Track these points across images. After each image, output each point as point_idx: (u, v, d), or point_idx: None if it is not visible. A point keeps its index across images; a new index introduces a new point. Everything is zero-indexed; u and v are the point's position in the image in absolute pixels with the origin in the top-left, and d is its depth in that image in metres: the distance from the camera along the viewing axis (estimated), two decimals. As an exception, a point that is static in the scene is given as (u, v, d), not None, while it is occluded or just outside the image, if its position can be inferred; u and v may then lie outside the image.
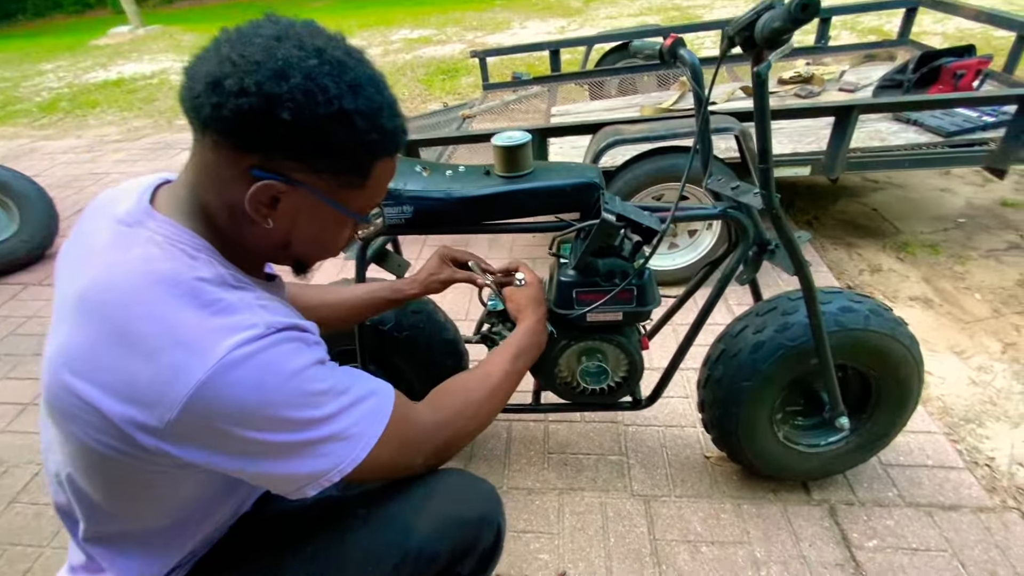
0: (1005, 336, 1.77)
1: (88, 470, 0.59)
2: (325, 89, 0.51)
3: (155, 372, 0.51)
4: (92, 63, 7.83)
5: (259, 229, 0.58)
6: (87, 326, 0.53)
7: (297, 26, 0.54)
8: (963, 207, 2.49)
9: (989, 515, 1.25)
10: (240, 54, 0.51)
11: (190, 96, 0.53)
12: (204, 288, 0.54)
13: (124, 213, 0.58)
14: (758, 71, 0.80)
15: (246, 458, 0.56)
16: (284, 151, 0.54)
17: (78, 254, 0.60)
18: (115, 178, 3.68)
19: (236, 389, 0.52)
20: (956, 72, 2.29)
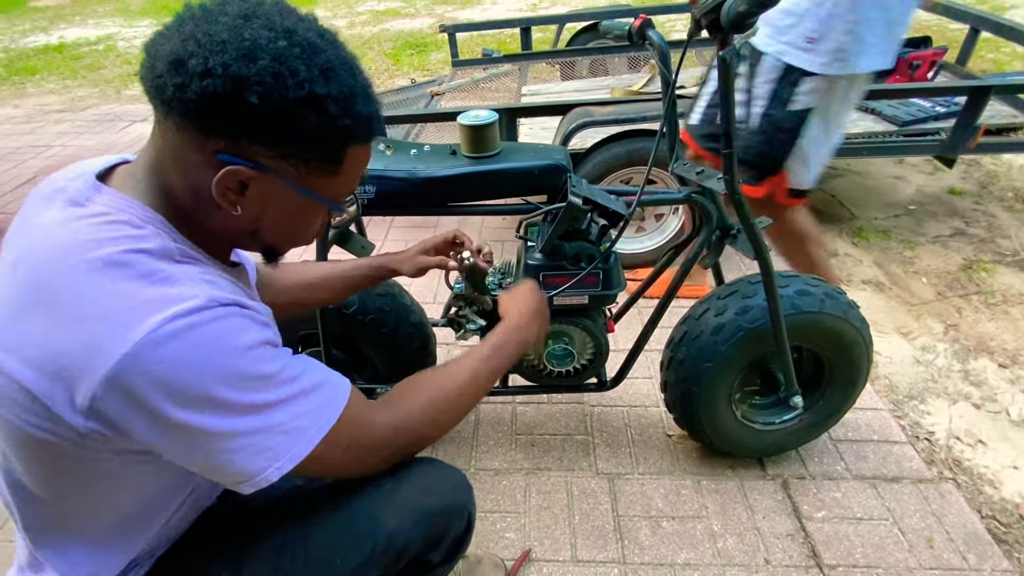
0: (948, 318, 1.88)
1: (26, 460, 0.55)
2: (295, 72, 0.49)
3: (81, 344, 0.48)
4: (31, 26, 7.26)
5: (226, 215, 0.55)
6: (15, 298, 0.51)
7: (266, 5, 0.52)
8: (914, 194, 2.60)
9: (927, 486, 1.33)
10: (205, 32, 0.48)
11: (151, 75, 0.50)
12: (142, 259, 0.51)
13: (73, 192, 0.55)
14: (723, 55, 0.81)
15: (176, 443, 0.52)
16: (252, 136, 0.51)
17: (16, 237, 0.56)
18: (57, 151, 3.45)
19: (166, 365, 0.48)
20: (912, 62, 2.36)
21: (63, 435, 0.51)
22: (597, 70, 3.15)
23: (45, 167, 3.24)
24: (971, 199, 2.54)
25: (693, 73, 2.80)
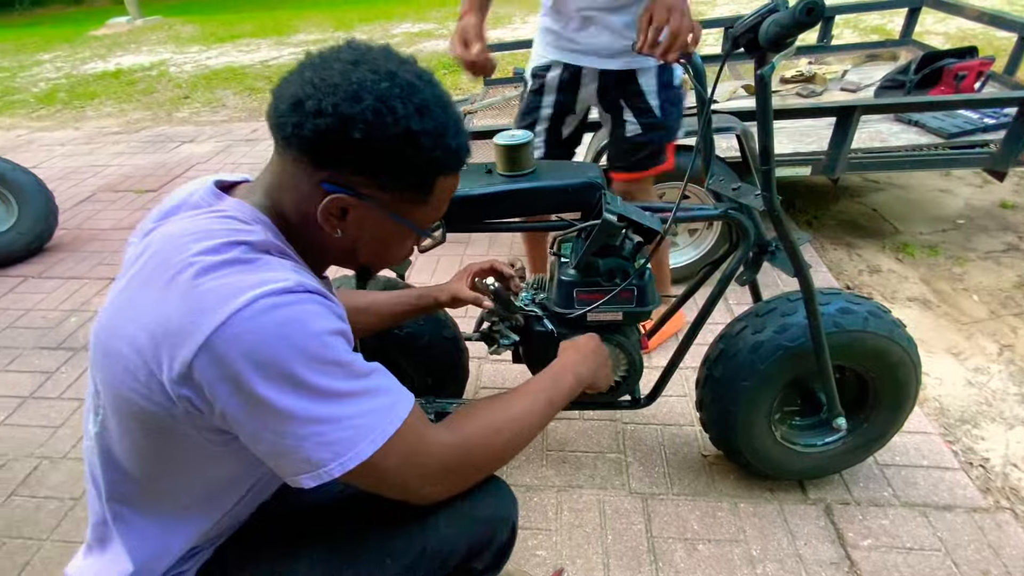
0: (1002, 338, 1.78)
1: (126, 431, 0.60)
2: (394, 110, 0.55)
3: (185, 312, 0.53)
4: (90, 54, 7.78)
5: (328, 236, 0.62)
6: (139, 275, 0.58)
7: (374, 51, 0.59)
8: (962, 208, 2.50)
9: (983, 515, 1.26)
10: (320, 77, 0.55)
11: (275, 115, 0.58)
12: (247, 249, 0.57)
13: (196, 199, 0.63)
14: (761, 73, 0.81)
15: (252, 419, 0.54)
16: (355, 167, 0.58)
17: (153, 230, 0.64)
18: (114, 170, 3.66)
19: (255, 336, 0.52)
20: (958, 73, 2.29)
21: (161, 404, 0.56)
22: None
23: (103, 185, 3.44)
24: (1025, 213, 2.43)
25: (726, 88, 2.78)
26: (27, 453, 1.61)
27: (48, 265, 2.58)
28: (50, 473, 1.54)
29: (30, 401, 1.79)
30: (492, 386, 1.73)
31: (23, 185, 2.56)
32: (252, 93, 5.32)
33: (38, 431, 1.68)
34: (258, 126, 4.35)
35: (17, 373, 1.92)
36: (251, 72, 6.06)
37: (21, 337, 2.10)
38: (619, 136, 1.41)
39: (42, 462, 1.57)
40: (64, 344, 2.04)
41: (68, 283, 2.43)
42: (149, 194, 3.27)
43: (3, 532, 1.38)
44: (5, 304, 2.31)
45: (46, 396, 1.81)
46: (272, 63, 6.38)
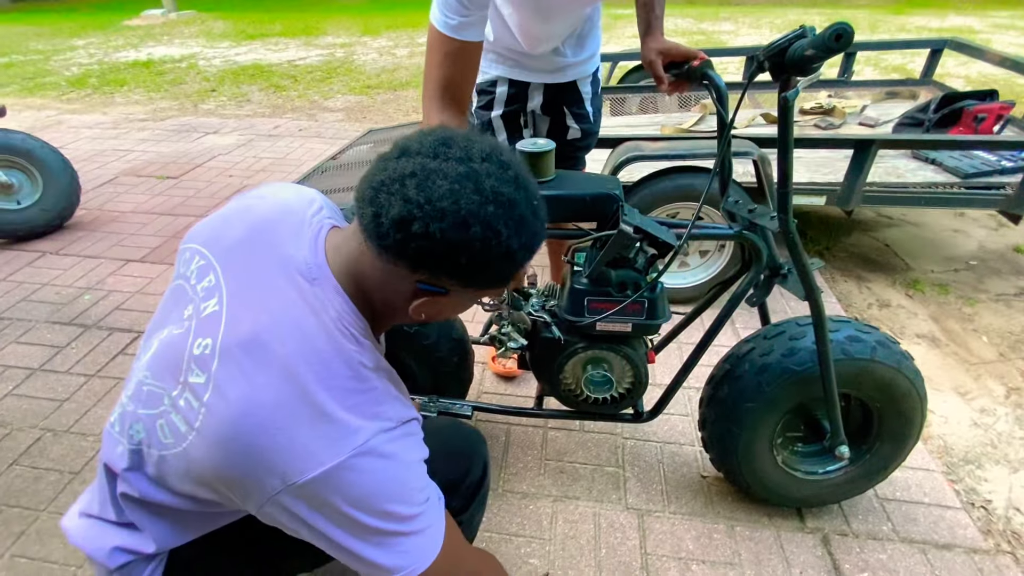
0: (1010, 381, 1.77)
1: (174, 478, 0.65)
2: (499, 235, 0.57)
3: (309, 438, 0.58)
4: (123, 43, 7.97)
5: (406, 315, 0.66)
6: (273, 383, 0.59)
7: (475, 160, 0.58)
8: (975, 250, 2.50)
9: (983, 557, 1.24)
10: (427, 198, 0.55)
11: (375, 226, 0.58)
12: (364, 373, 0.63)
13: (302, 262, 0.64)
14: (786, 96, 0.82)
15: (341, 531, 0.60)
16: (451, 274, 0.60)
17: (246, 267, 0.66)
18: (138, 155, 3.74)
19: (361, 475, 0.59)
20: (977, 115, 2.30)
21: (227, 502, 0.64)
22: (647, 107, 3.20)
23: (126, 169, 3.51)
24: (1039, 258, 2.42)
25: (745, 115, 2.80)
26: (31, 424, 1.62)
27: (67, 242, 2.63)
28: (52, 445, 1.55)
29: (39, 373, 1.82)
30: (495, 391, 1.74)
31: (50, 163, 2.62)
32: (277, 90, 5.42)
33: (44, 403, 1.70)
34: (280, 122, 4.42)
35: (28, 345, 1.94)
36: (278, 70, 6.18)
37: (35, 310, 2.13)
38: (559, 140, 1.45)
39: (45, 434, 1.59)
40: (76, 320, 2.07)
41: (84, 261, 2.47)
42: (170, 180, 3.33)
43: (1, 500, 1.39)
44: (22, 277, 2.35)
45: (55, 370, 1.83)
46: (299, 63, 6.50)
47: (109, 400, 1.71)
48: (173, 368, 0.63)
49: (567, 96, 1.39)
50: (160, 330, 0.69)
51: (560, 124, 1.43)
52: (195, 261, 0.69)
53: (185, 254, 0.72)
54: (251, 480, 0.59)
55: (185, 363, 0.62)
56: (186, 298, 0.68)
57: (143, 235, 2.70)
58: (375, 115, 4.66)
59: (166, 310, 0.71)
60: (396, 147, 0.61)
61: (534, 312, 1.17)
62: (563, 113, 1.41)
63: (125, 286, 2.29)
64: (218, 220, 0.72)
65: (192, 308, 0.66)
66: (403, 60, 6.46)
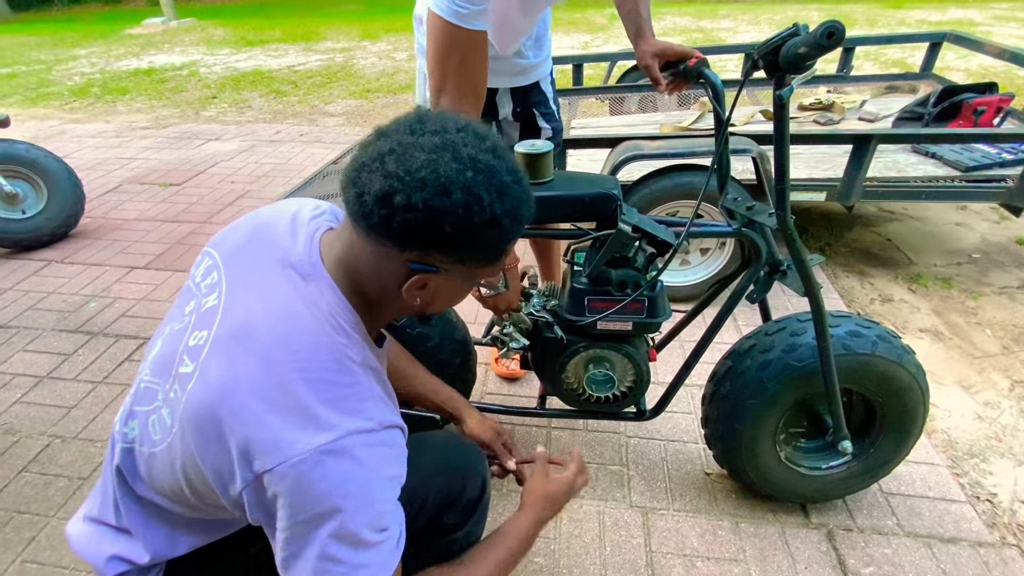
0: (1014, 373, 1.77)
1: (175, 476, 0.64)
2: (480, 200, 0.57)
3: (280, 427, 0.56)
4: (124, 51, 8.02)
5: (404, 303, 0.65)
6: (253, 366, 0.59)
7: (450, 131, 0.59)
8: (978, 243, 2.49)
9: (988, 550, 1.24)
10: (406, 170, 0.56)
11: (358, 204, 0.58)
12: (351, 367, 0.62)
13: (297, 259, 0.65)
14: (780, 94, 0.83)
15: (285, 535, 0.58)
16: (439, 249, 0.60)
17: (246, 265, 0.67)
18: (141, 163, 3.76)
19: (322, 477, 0.56)
20: (977, 108, 2.30)
21: (225, 502, 0.61)
22: (646, 106, 3.21)
23: (130, 177, 3.54)
24: (1042, 251, 2.41)
25: (743, 112, 2.81)
26: (40, 431, 1.64)
27: (72, 251, 2.65)
28: (61, 452, 1.57)
29: (46, 381, 1.83)
30: (498, 391, 1.75)
31: (54, 172, 2.64)
32: (278, 96, 5.45)
33: (52, 410, 1.71)
34: (281, 128, 4.45)
35: (35, 353, 1.96)
36: (278, 76, 6.21)
37: (42, 319, 2.15)
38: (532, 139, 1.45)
39: (54, 441, 1.61)
40: (82, 328, 2.09)
41: (90, 269, 2.49)
42: (173, 188, 3.36)
43: (12, 507, 1.41)
44: (28, 286, 2.37)
45: (62, 377, 1.85)
46: (299, 68, 6.53)
47: (116, 406, 1.72)
48: (168, 363, 0.64)
49: (533, 97, 1.42)
50: (163, 329, 0.71)
51: (532, 126, 1.46)
52: (204, 262, 0.72)
53: (198, 258, 0.75)
54: (225, 469, 0.58)
55: (177, 356, 0.63)
56: (190, 296, 0.70)
57: (147, 242, 2.72)
58: (376, 119, 4.68)
59: (172, 312, 0.73)
60: (374, 132, 0.61)
61: (535, 312, 1.18)
62: (533, 115, 1.43)
63: (130, 293, 2.31)
64: (231, 226, 0.75)
65: (194, 304, 0.68)
66: (403, 64, 6.48)
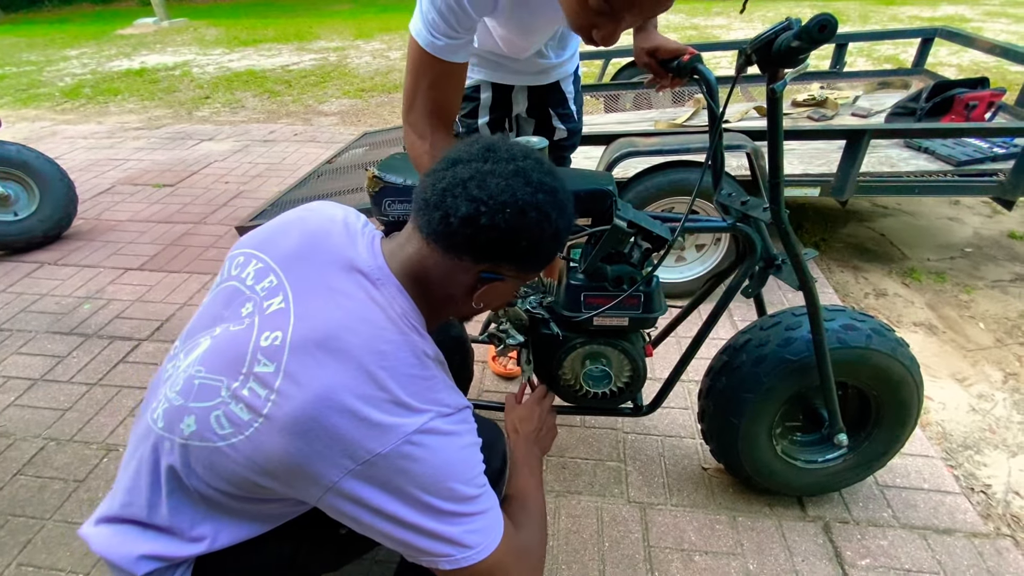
0: (1007, 366, 1.78)
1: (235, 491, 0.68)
2: (549, 217, 0.68)
3: (379, 419, 0.62)
4: (116, 52, 7.97)
5: (465, 306, 0.75)
6: (346, 369, 0.63)
7: (518, 160, 0.68)
8: (971, 237, 2.51)
9: (983, 541, 1.25)
10: (488, 195, 0.65)
11: (443, 226, 0.67)
12: (427, 362, 0.68)
13: (366, 266, 0.71)
14: (774, 88, 0.83)
15: (408, 509, 0.64)
16: (509, 260, 0.70)
17: (310, 271, 0.71)
18: (134, 164, 3.74)
19: (426, 452, 0.64)
20: (969, 103, 2.31)
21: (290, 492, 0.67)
22: (641, 104, 3.21)
23: (123, 178, 3.51)
24: (1034, 244, 2.43)
25: (738, 108, 2.82)
26: (34, 434, 1.63)
27: (65, 252, 2.63)
28: (56, 454, 1.56)
29: (40, 383, 1.82)
30: (496, 389, 1.75)
31: (46, 174, 2.62)
32: (271, 96, 5.42)
33: (46, 413, 1.70)
34: (275, 128, 4.43)
35: (29, 356, 1.95)
36: (271, 76, 6.18)
37: (35, 321, 2.14)
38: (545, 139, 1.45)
39: (48, 443, 1.60)
40: (76, 330, 2.08)
41: (83, 271, 2.48)
42: (166, 188, 3.34)
43: (7, 510, 1.40)
44: (21, 288, 2.36)
45: (56, 379, 1.84)
46: (292, 68, 6.51)
47: (112, 408, 1.71)
48: (235, 361, 0.66)
49: (551, 97, 1.39)
50: (211, 328, 0.73)
51: (546, 125, 1.44)
52: (252, 264, 0.74)
53: (238, 259, 0.77)
54: (321, 462, 0.62)
55: (250, 355, 0.65)
56: (242, 298, 0.72)
57: (141, 243, 2.71)
58: (370, 118, 4.67)
59: (214, 310, 0.74)
60: (446, 160, 0.69)
61: (531, 308, 1.18)
62: (548, 115, 1.42)
63: (124, 294, 2.30)
64: (272, 230, 0.79)
65: (252, 306, 0.70)
66: (397, 63, 6.46)
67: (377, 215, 1.16)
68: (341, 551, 0.86)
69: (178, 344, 0.77)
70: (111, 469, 1.51)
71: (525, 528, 0.78)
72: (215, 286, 0.78)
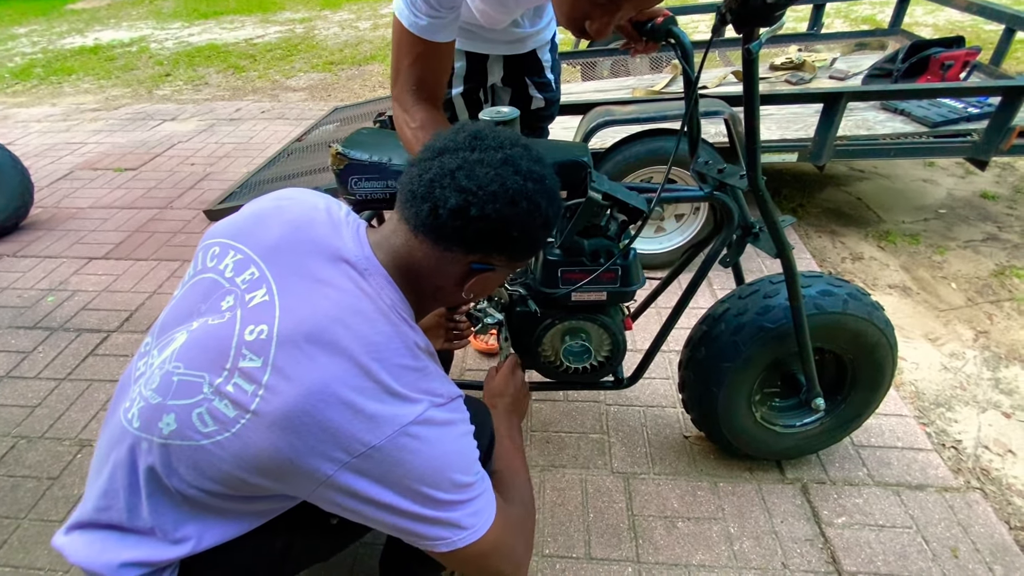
0: (978, 324, 1.82)
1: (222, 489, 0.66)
2: (539, 206, 0.67)
3: (373, 411, 0.61)
4: (68, 28, 7.52)
5: (454, 297, 0.74)
6: (338, 362, 0.62)
7: (507, 148, 0.67)
8: (944, 198, 2.54)
9: (954, 495, 1.30)
10: (477, 185, 0.64)
11: (432, 218, 0.65)
12: (419, 353, 0.67)
13: (352, 256, 0.68)
14: (750, 48, 0.80)
15: (403, 500, 0.64)
16: (500, 251, 0.69)
17: (293, 262, 0.68)
18: (92, 148, 3.57)
19: (422, 444, 0.63)
20: (944, 63, 2.31)
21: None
22: (618, 71, 3.14)
23: (81, 163, 3.36)
24: (1005, 203, 2.47)
25: (715, 74, 2.77)
26: (3, 432, 1.58)
27: (24, 243, 2.52)
28: (27, 452, 1.51)
29: (6, 380, 1.76)
30: (478, 368, 1.74)
31: (-3, 161, 2.48)
32: (236, 71, 5.19)
33: (15, 410, 1.65)
34: (241, 105, 4.25)
35: (-8, 352, 1.88)
36: (235, 50, 5.91)
37: (-4, 316, 2.06)
38: (523, 110, 1.41)
39: (19, 441, 1.55)
40: (41, 324, 2.00)
41: (45, 262, 2.38)
42: (129, 172, 3.20)
43: (-21, 511, 1.36)
44: (-21, 282, 2.26)
45: (23, 376, 1.77)
46: (257, 41, 6.22)
47: (83, 403, 1.66)
48: (217, 356, 0.63)
49: (527, 66, 1.34)
50: (186, 322, 0.69)
51: (523, 95, 1.39)
52: (229, 256, 0.71)
53: (213, 249, 0.73)
54: (314, 457, 0.60)
55: (234, 349, 0.63)
56: (222, 291, 0.68)
57: (104, 231, 2.60)
58: (340, 92, 4.51)
59: (189, 303, 0.71)
60: (431, 149, 0.68)
61: (509, 286, 1.16)
62: (525, 84, 1.37)
63: (90, 285, 2.21)
64: (247, 219, 0.75)
65: (233, 299, 0.67)
66: (366, 33, 6.22)
67: (344, 194, 1.11)
68: (333, 541, 0.86)
69: (149, 340, 0.73)
70: (85, 465, 1.47)
71: (514, 501, 0.79)
72: (188, 278, 0.74)
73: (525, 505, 0.81)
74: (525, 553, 0.77)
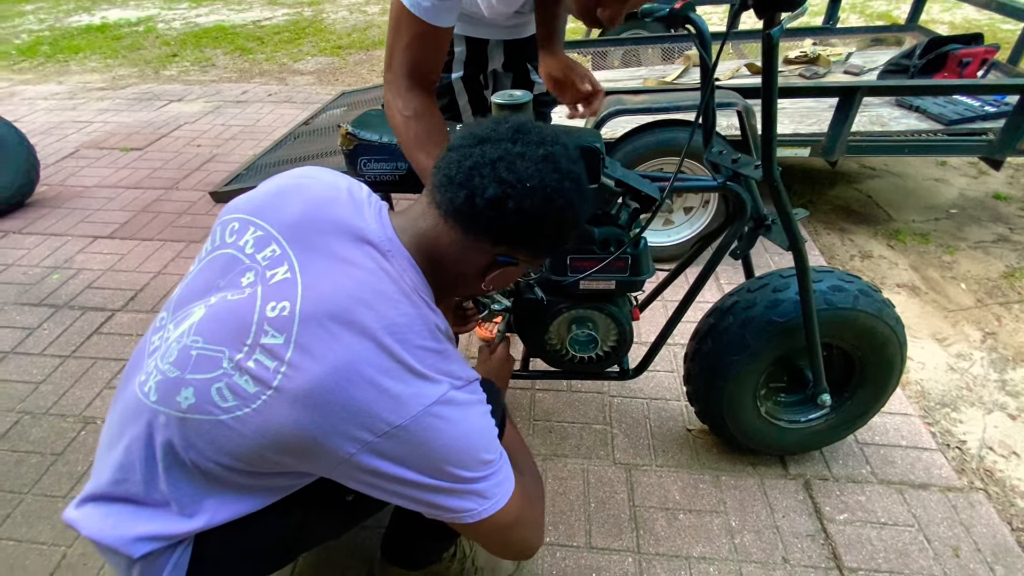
0: (986, 325, 1.81)
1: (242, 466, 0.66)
2: (572, 206, 0.68)
3: (397, 391, 0.61)
4: (75, 6, 7.47)
5: (472, 286, 0.74)
6: (361, 342, 0.62)
7: (547, 145, 0.66)
8: (956, 198, 2.51)
9: (957, 495, 1.29)
10: (517, 178, 0.64)
11: (468, 206, 0.65)
12: (440, 336, 0.68)
13: (375, 237, 0.68)
14: (771, 33, 0.78)
15: (426, 478, 0.65)
16: (527, 245, 0.69)
17: (315, 240, 0.67)
18: (98, 127, 3.55)
19: (445, 423, 0.64)
20: (962, 60, 2.27)
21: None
22: (630, 61, 3.10)
23: (87, 141, 3.34)
24: (1017, 205, 2.44)
25: (728, 66, 2.74)
26: (8, 408, 1.58)
27: (29, 221, 2.52)
28: (31, 428, 1.52)
29: (11, 356, 1.76)
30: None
31: (3, 138, 2.47)
32: (243, 53, 5.16)
33: (20, 386, 1.65)
34: (248, 87, 4.22)
35: (-3, 328, 1.88)
36: (242, 32, 5.86)
37: (2, 293, 2.06)
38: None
39: (23, 417, 1.55)
40: (46, 301, 2.01)
41: (50, 239, 2.37)
42: (135, 152, 3.19)
43: (-17, 484, 1.37)
44: (-15, 258, 2.26)
45: (28, 352, 1.78)
46: (265, 23, 6.17)
47: (87, 381, 1.67)
48: (238, 331, 0.63)
49: (529, 50, 1.33)
50: (204, 296, 0.69)
51: (524, 80, 1.38)
52: (249, 232, 0.70)
53: (232, 224, 0.72)
54: (337, 435, 0.61)
55: (255, 325, 0.62)
56: (242, 266, 0.68)
57: (110, 210, 2.60)
58: (347, 77, 4.47)
59: (207, 278, 0.70)
60: (472, 136, 0.67)
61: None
62: (526, 69, 1.35)
63: (95, 264, 2.21)
64: (268, 195, 0.74)
65: (254, 275, 0.66)
66: (375, 17, 6.16)
67: (352, 175, 1.10)
68: (347, 517, 0.86)
69: (164, 314, 0.73)
70: (89, 441, 1.48)
71: (524, 472, 0.80)
72: (205, 253, 0.73)
73: (533, 475, 0.84)
74: (543, 519, 0.80)
